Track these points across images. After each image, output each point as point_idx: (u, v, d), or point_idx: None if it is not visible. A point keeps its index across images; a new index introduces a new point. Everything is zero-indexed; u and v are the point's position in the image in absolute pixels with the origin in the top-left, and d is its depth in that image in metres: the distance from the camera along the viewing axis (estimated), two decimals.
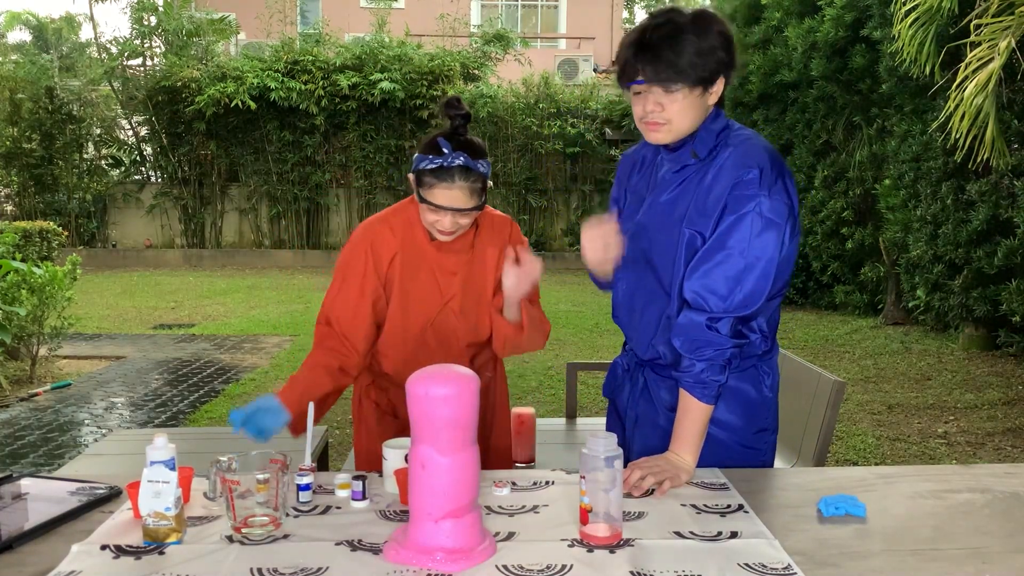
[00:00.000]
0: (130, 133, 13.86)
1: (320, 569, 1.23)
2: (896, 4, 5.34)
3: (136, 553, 1.29)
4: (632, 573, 1.22)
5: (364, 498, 1.49)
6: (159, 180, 13.73)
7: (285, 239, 13.58)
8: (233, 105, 12.09)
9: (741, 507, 1.47)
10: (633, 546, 1.31)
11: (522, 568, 1.24)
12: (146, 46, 13.46)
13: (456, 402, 1.25)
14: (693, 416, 1.61)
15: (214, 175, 13.37)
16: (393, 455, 1.55)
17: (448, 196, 1.78)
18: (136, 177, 13.94)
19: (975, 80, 4.53)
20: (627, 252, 1.73)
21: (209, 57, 13.23)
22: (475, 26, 15.38)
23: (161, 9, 13.05)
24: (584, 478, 1.32)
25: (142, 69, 13.55)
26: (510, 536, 1.35)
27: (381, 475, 1.62)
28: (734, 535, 1.35)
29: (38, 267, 5.55)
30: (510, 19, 19.57)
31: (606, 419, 1.97)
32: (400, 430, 1.99)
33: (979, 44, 4.59)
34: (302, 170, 13.10)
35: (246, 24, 14.67)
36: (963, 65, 4.66)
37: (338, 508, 1.47)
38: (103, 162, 13.84)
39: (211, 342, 7.26)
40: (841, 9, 7.53)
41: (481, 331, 1.97)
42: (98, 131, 13.86)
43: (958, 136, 4.74)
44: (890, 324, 7.53)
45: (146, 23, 13.19)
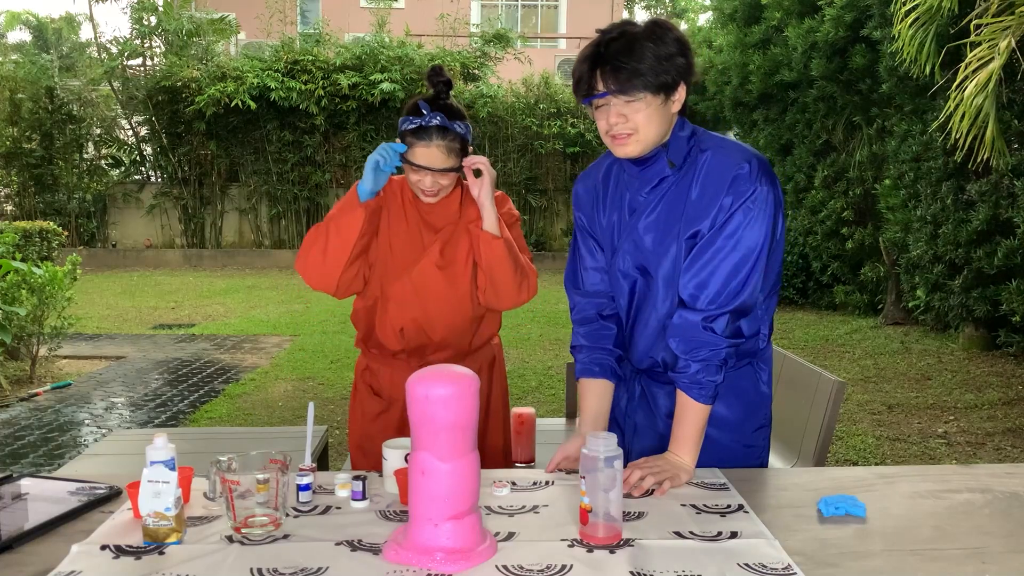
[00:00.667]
0: (130, 133, 13.85)
1: (320, 569, 1.23)
2: (896, 4, 5.34)
3: (136, 553, 1.29)
4: (632, 573, 1.22)
5: (364, 498, 1.49)
6: (159, 180, 13.72)
7: (285, 239, 13.57)
8: (233, 105, 12.08)
9: (741, 507, 1.47)
10: (633, 546, 1.31)
11: (522, 568, 1.24)
12: (146, 46, 13.45)
13: (457, 405, 1.25)
14: (691, 417, 1.61)
15: (214, 175, 13.36)
16: (393, 455, 1.55)
17: (426, 155, 1.91)
18: (136, 177, 13.92)
19: (975, 80, 4.53)
20: (621, 267, 1.71)
21: (209, 57, 13.21)
22: (475, 26, 15.37)
23: (161, 9, 13.04)
24: (584, 478, 1.32)
25: (142, 69, 13.54)
26: (510, 536, 1.35)
27: (380, 474, 1.62)
28: (734, 535, 1.35)
29: (38, 267, 5.55)
30: (510, 19, 19.58)
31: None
32: (383, 408, 2.11)
33: (979, 44, 4.59)
34: (302, 170, 13.09)
35: (246, 24, 14.66)
36: (963, 65, 4.66)
37: (338, 508, 1.47)
38: (103, 162, 13.83)
39: (211, 342, 7.26)
40: (841, 9, 7.53)
41: (460, 294, 2.04)
42: (98, 131, 13.85)
43: (958, 136, 4.74)
44: (890, 324, 7.53)
45: (146, 23, 13.18)
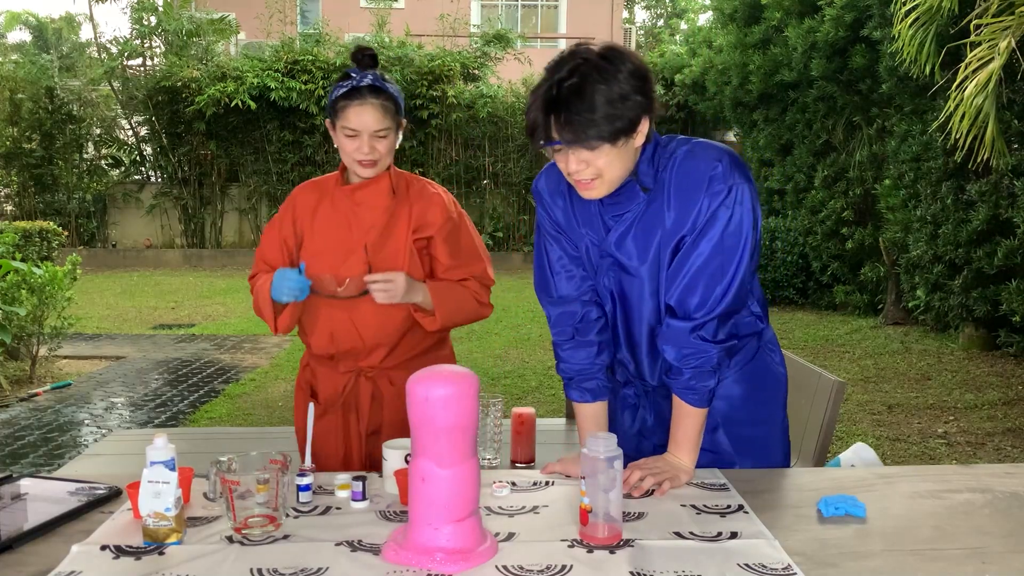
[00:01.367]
0: (130, 133, 13.85)
1: (320, 569, 1.23)
2: (896, 4, 5.34)
3: (136, 553, 1.29)
4: (632, 573, 1.22)
5: (364, 499, 1.49)
6: (159, 180, 13.72)
7: None
8: (233, 105, 12.08)
9: (741, 507, 1.47)
10: (633, 546, 1.31)
11: (522, 568, 1.24)
12: (146, 46, 13.45)
13: (457, 406, 1.25)
14: (688, 421, 1.60)
15: (214, 175, 13.36)
16: (393, 455, 1.55)
17: (360, 114, 1.88)
18: (136, 177, 13.92)
19: (975, 80, 4.53)
20: (605, 284, 1.66)
21: (209, 57, 13.21)
22: (475, 26, 15.37)
23: (161, 9, 13.04)
24: (584, 478, 1.32)
25: (142, 69, 13.53)
26: (510, 537, 1.35)
27: (380, 474, 1.62)
28: (734, 535, 1.35)
29: (38, 267, 5.55)
30: (510, 19, 19.56)
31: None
32: (321, 412, 2.03)
33: (979, 44, 4.59)
34: (302, 170, 13.08)
35: (246, 24, 14.65)
36: (963, 65, 4.66)
37: (338, 509, 1.47)
38: (103, 162, 13.83)
39: (211, 342, 7.26)
40: (841, 9, 7.53)
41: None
42: (98, 131, 13.85)
43: (958, 136, 4.74)
44: (890, 324, 7.53)
45: (146, 23, 13.17)
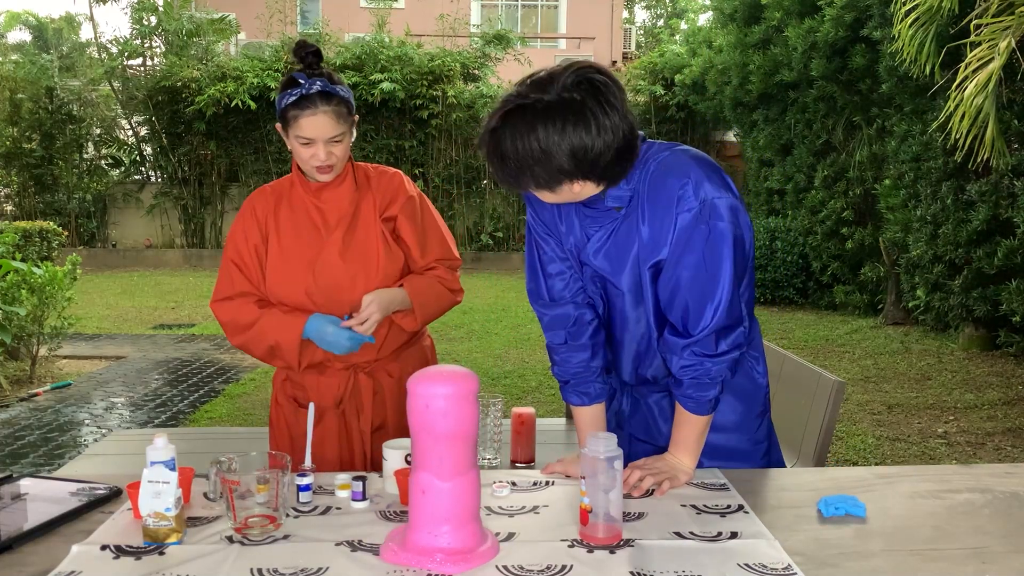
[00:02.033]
0: (130, 133, 13.85)
1: (320, 569, 1.23)
2: (896, 4, 5.34)
3: (136, 553, 1.29)
4: (632, 573, 1.22)
5: (364, 499, 1.49)
6: (159, 180, 13.71)
7: None
8: (233, 105, 12.08)
9: (741, 507, 1.47)
10: (633, 546, 1.31)
11: (522, 568, 1.24)
12: (146, 46, 13.45)
13: (457, 413, 1.25)
14: (688, 425, 1.60)
15: (214, 175, 13.35)
16: (393, 455, 1.55)
17: (314, 123, 1.83)
18: (136, 177, 13.92)
19: (975, 80, 4.53)
20: (590, 288, 1.66)
21: (209, 57, 13.21)
22: (475, 26, 15.37)
23: (161, 9, 13.04)
24: (584, 479, 1.32)
25: (142, 69, 13.53)
26: (510, 537, 1.35)
27: (380, 474, 1.62)
28: (734, 535, 1.35)
29: (38, 267, 5.55)
30: (510, 19, 19.58)
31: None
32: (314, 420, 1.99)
33: (979, 44, 4.59)
34: None
35: (246, 24, 14.65)
36: (963, 65, 4.66)
37: (338, 509, 1.47)
38: (103, 162, 13.83)
39: (211, 342, 7.26)
40: (841, 9, 7.53)
41: (368, 280, 1.95)
42: (98, 131, 13.85)
43: (958, 136, 4.74)
44: (890, 324, 7.53)
45: (146, 23, 13.17)
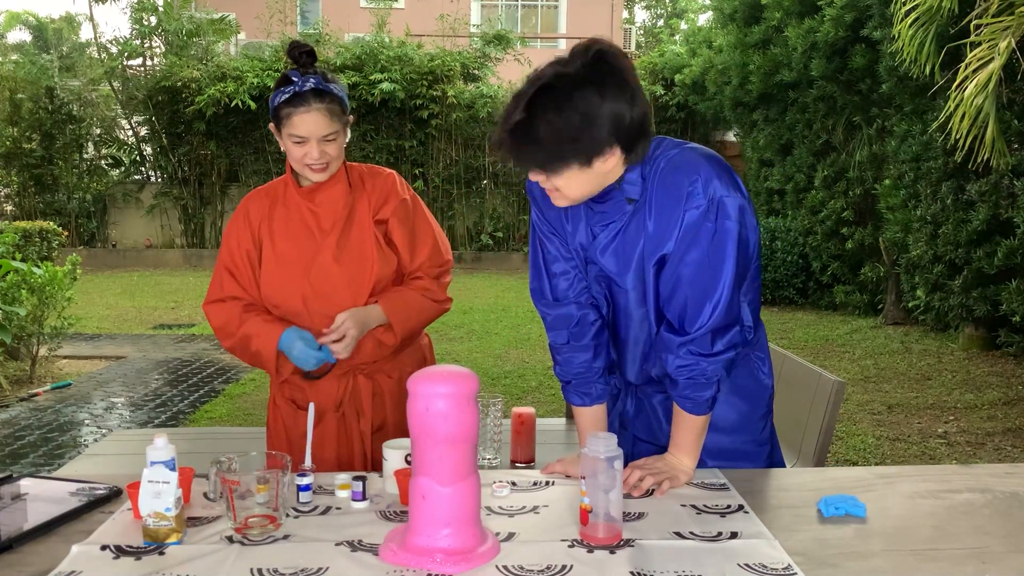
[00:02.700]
0: (130, 133, 13.85)
1: (320, 569, 1.23)
2: (896, 4, 5.34)
3: (136, 553, 1.29)
4: (632, 573, 1.22)
5: (364, 499, 1.49)
6: (159, 180, 13.71)
7: None
8: (233, 105, 12.08)
9: (741, 507, 1.47)
10: (633, 546, 1.31)
11: (522, 568, 1.24)
12: (146, 46, 13.45)
13: (457, 416, 1.25)
14: (687, 425, 1.59)
15: (214, 175, 13.35)
16: (393, 455, 1.55)
17: (307, 121, 1.81)
18: (136, 177, 13.91)
19: (975, 80, 4.53)
20: (595, 289, 1.65)
21: (209, 57, 13.21)
22: (475, 26, 15.37)
23: (161, 9, 13.04)
24: (584, 479, 1.32)
25: (142, 69, 13.53)
26: (510, 537, 1.35)
27: (380, 474, 1.62)
28: (734, 535, 1.35)
29: (38, 267, 5.55)
30: (510, 19, 19.57)
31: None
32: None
33: (979, 44, 4.59)
34: None
35: (246, 24, 14.65)
36: (963, 65, 4.66)
37: (338, 509, 1.47)
38: (103, 162, 13.83)
39: (211, 342, 7.25)
40: (841, 9, 7.53)
41: (362, 283, 1.93)
42: (98, 131, 13.84)
43: (958, 136, 4.74)
44: (890, 324, 7.53)
45: (146, 23, 13.17)
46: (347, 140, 1.94)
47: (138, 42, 13.32)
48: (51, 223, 9.85)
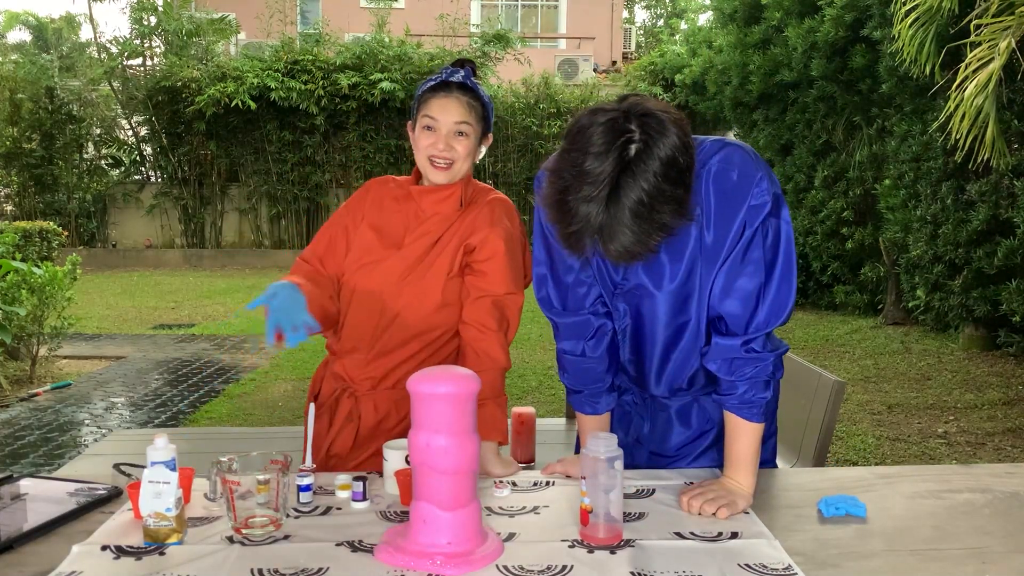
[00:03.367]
0: (130, 133, 13.86)
1: (321, 570, 1.23)
2: (896, 4, 5.34)
3: (137, 554, 1.29)
4: (633, 573, 1.22)
5: (365, 499, 1.49)
6: (159, 180, 13.72)
7: (285, 239, 13.58)
8: (233, 105, 12.08)
9: None
10: (634, 547, 1.31)
11: (522, 569, 1.24)
12: (146, 46, 13.46)
13: (457, 455, 1.25)
14: (744, 439, 1.52)
15: (214, 175, 13.36)
16: (393, 456, 1.55)
17: (443, 105, 1.73)
18: (136, 177, 13.93)
19: (975, 80, 4.53)
20: (624, 304, 1.58)
21: (209, 57, 13.22)
22: (475, 26, 15.36)
23: (161, 9, 13.04)
24: (584, 479, 1.32)
25: (142, 69, 13.54)
26: (511, 537, 1.35)
27: (381, 474, 1.62)
28: (734, 535, 1.35)
29: (38, 267, 5.55)
30: (510, 19, 19.56)
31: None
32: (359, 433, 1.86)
33: (979, 44, 4.59)
34: (302, 170, 13.09)
35: (246, 24, 14.65)
36: (963, 65, 4.66)
37: (339, 509, 1.47)
38: (103, 162, 13.84)
39: (211, 342, 7.26)
40: (841, 9, 7.53)
41: (421, 305, 1.78)
42: (98, 131, 13.85)
43: (958, 136, 4.74)
44: (890, 324, 7.53)
45: (146, 23, 13.18)
46: (480, 157, 1.81)
47: (138, 42, 13.33)
48: (51, 223, 9.86)
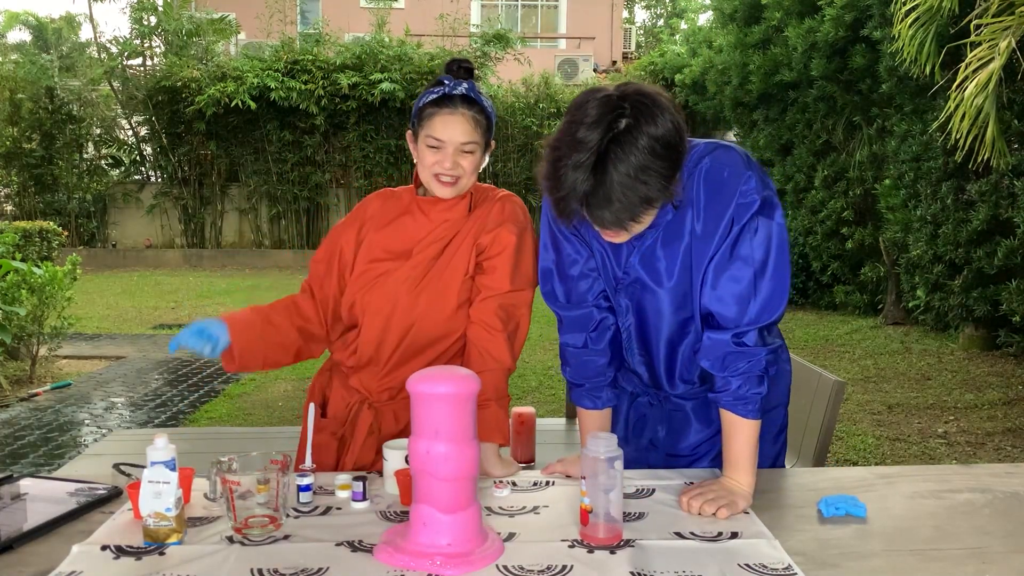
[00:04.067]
0: (130, 133, 13.86)
1: (320, 570, 1.23)
2: (896, 4, 5.34)
3: (136, 553, 1.29)
4: (632, 573, 1.22)
5: (364, 499, 1.49)
6: (159, 180, 13.73)
7: (285, 239, 13.58)
8: (233, 105, 12.09)
9: None
10: (633, 546, 1.31)
11: (522, 568, 1.24)
12: (146, 46, 13.46)
13: (457, 462, 1.25)
14: (741, 436, 1.52)
15: (214, 175, 13.37)
16: (393, 456, 1.55)
17: (448, 124, 1.67)
18: (136, 177, 13.94)
19: (975, 80, 4.53)
20: (626, 300, 1.61)
21: (209, 57, 13.22)
22: (475, 26, 15.36)
23: (161, 9, 13.05)
24: (584, 479, 1.32)
25: (142, 69, 13.55)
26: (511, 537, 1.35)
27: (381, 474, 1.62)
28: (734, 535, 1.35)
29: (38, 267, 5.55)
30: (510, 19, 19.56)
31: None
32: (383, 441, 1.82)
33: (979, 44, 4.59)
34: (302, 170, 13.10)
35: (246, 24, 14.66)
36: (963, 65, 4.66)
37: (338, 509, 1.47)
38: (103, 162, 13.84)
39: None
40: (841, 9, 7.53)
41: (439, 313, 1.76)
42: (98, 131, 13.86)
43: (958, 136, 4.74)
44: (890, 324, 7.53)
45: (146, 23, 13.18)
46: (484, 165, 1.77)
47: (138, 42, 13.34)
48: (51, 223, 9.86)
